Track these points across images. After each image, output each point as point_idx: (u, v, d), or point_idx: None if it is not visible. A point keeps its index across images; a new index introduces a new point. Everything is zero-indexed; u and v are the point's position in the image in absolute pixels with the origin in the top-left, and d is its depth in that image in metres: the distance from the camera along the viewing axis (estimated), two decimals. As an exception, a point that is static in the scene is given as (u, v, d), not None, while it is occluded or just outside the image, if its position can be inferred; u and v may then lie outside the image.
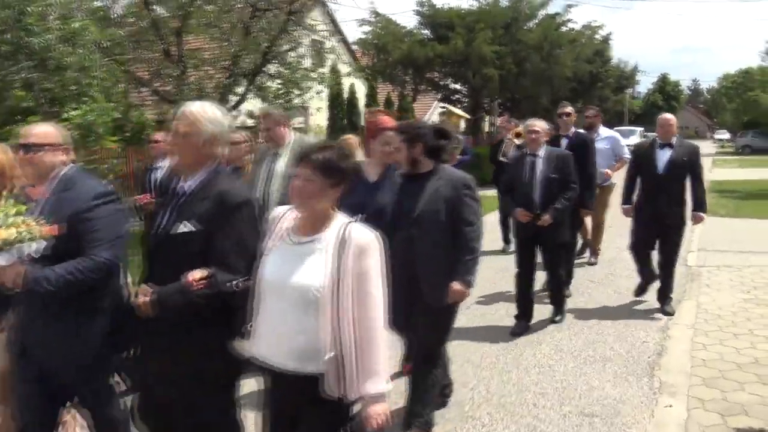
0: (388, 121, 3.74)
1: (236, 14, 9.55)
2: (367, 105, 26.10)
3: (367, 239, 2.16)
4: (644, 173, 5.75)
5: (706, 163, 30.10)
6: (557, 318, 5.55)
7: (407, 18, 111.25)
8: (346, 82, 23.85)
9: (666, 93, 66.19)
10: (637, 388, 4.19)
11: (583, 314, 5.86)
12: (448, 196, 3.35)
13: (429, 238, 3.35)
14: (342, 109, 24.14)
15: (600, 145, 7.12)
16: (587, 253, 7.84)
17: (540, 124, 5.22)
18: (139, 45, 9.19)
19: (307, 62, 11.83)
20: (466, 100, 25.04)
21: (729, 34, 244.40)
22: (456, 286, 3.35)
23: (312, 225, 2.21)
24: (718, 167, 27.36)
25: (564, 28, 22.88)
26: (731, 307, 5.88)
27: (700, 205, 5.73)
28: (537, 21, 21.74)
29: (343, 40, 27.29)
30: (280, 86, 12.25)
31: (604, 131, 7.48)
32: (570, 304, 6.15)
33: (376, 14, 21.48)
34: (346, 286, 2.09)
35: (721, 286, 6.69)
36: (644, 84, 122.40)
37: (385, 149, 3.62)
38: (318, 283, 2.10)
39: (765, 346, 4.84)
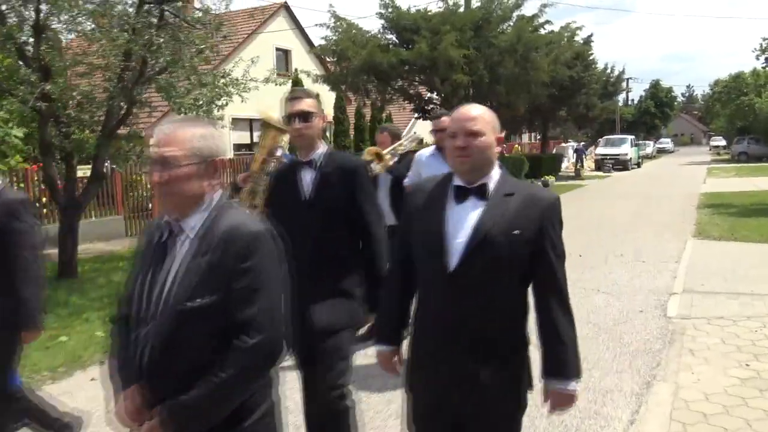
0: None
1: (116, 8, 7.76)
2: (335, 117, 24.55)
3: None
4: (420, 265, 2.18)
5: (699, 172, 28.82)
6: None
7: (372, 23, 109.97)
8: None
9: (658, 99, 64.38)
10: None
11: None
12: None
13: None
14: (305, 121, 22.22)
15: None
16: None
17: (179, 135, 1.78)
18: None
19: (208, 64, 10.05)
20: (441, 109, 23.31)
21: (723, 38, 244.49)
22: None
23: None
24: (713, 177, 25.64)
25: (543, 30, 21.12)
26: (723, 396, 4.03)
27: (558, 362, 2.06)
28: (512, 23, 19.97)
29: (309, 44, 25.77)
30: (198, 95, 10.51)
31: None
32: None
33: (337, 18, 19.69)
34: None
35: (710, 353, 4.84)
36: (637, 91, 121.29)
37: None
38: None
39: (777, 489, 2.99)
